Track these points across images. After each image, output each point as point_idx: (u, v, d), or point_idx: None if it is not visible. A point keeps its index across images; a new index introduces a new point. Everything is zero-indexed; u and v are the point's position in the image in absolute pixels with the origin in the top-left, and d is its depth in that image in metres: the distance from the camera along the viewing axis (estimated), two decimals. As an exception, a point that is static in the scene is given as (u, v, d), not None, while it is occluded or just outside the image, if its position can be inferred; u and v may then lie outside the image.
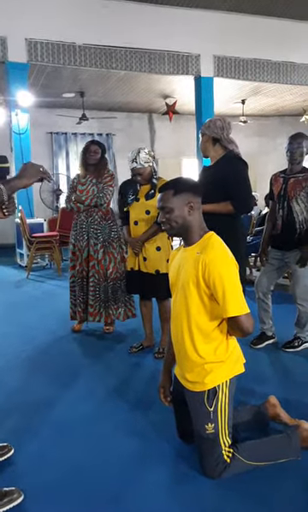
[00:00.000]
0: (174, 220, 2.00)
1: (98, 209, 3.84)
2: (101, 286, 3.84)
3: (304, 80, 8.72)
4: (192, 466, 2.07)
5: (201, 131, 3.05)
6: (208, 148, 3.03)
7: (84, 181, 3.88)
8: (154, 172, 3.36)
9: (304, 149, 3.33)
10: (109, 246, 3.85)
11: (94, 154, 3.84)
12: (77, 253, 3.89)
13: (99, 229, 3.84)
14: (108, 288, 3.85)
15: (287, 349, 3.48)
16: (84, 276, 3.88)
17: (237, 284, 1.91)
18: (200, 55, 8.03)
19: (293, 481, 1.96)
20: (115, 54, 7.58)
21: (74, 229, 3.93)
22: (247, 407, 2.36)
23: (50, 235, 7.08)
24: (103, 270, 3.83)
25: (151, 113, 11.39)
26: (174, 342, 2.15)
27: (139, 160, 3.24)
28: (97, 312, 3.86)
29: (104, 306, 3.87)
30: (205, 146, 3.04)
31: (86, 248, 3.84)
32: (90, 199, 3.80)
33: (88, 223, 3.84)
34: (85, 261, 3.86)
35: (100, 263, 3.82)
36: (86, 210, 3.84)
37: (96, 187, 3.83)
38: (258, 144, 12.19)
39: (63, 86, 8.72)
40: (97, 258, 3.82)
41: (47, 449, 2.27)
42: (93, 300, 3.85)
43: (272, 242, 3.55)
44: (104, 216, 3.87)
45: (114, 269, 3.85)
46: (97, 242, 3.82)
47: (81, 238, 3.85)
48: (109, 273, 3.84)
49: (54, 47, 7.23)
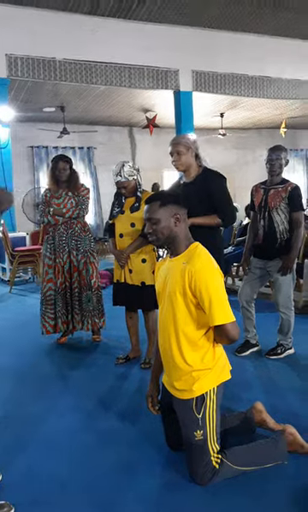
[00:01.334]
0: (160, 231, 2.05)
1: (77, 221, 3.90)
2: (84, 295, 3.89)
3: (279, 94, 8.93)
4: (181, 473, 2.09)
5: (185, 146, 3.05)
6: (190, 163, 3.09)
7: (58, 195, 3.91)
8: (138, 185, 3.40)
9: (283, 161, 3.43)
10: (90, 256, 3.93)
11: (64, 171, 3.88)
12: (57, 265, 3.89)
13: (80, 241, 3.90)
14: (92, 297, 3.91)
15: (270, 356, 3.54)
16: (67, 287, 3.91)
17: (223, 293, 1.97)
18: (179, 70, 8.18)
19: (280, 485, 2.00)
20: (96, 69, 7.67)
21: (50, 242, 3.92)
22: (234, 414, 2.40)
23: (33, 248, 7.05)
24: (85, 281, 3.88)
25: (132, 126, 11.51)
26: (161, 350, 2.19)
27: (123, 174, 3.29)
28: (82, 320, 3.91)
29: (90, 315, 3.90)
30: (188, 162, 3.08)
31: (68, 260, 3.87)
32: (72, 211, 3.85)
33: (68, 235, 3.88)
34: (68, 273, 3.89)
35: (82, 273, 3.88)
36: (65, 222, 3.87)
37: (73, 199, 3.87)
38: (237, 156, 12.41)
39: (44, 100, 8.77)
40: (80, 269, 3.88)
41: (35, 462, 2.27)
42: (79, 309, 3.89)
43: (254, 252, 3.63)
44: (83, 227, 3.94)
45: (96, 278, 3.94)
46: (78, 253, 3.88)
47: (61, 250, 3.88)
48: (92, 282, 3.91)
49: (34, 62, 7.29)
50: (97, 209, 11.09)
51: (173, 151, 3.08)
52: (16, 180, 7.84)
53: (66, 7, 7.10)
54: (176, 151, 3.06)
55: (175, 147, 3.07)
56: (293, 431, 2.22)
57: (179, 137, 3.15)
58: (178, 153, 3.06)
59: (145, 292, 3.33)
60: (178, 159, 3.07)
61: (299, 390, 2.96)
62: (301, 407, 2.71)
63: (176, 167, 3.11)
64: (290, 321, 3.52)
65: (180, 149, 3.05)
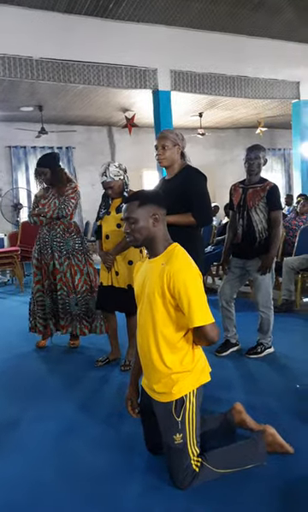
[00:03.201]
0: (138, 231, 2.02)
1: (60, 222, 3.81)
2: (70, 299, 3.80)
3: (257, 94, 8.98)
4: (161, 477, 2.07)
5: (172, 141, 2.97)
6: (175, 159, 3.01)
7: (47, 194, 3.87)
8: (125, 185, 3.35)
9: (261, 160, 3.44)
10: (73, 258, 3.82)
11: (44, 176, 3.79)
12: (43, 266, 3.85)
13: (62, 242, 3.80)
14: (77, 302, 3.82)
15: (250, 356, 3.54)
16: (53, 289, 3.84)
17: (202, 294, 1.94)
18: (157, 69, 8.15)
19: (261, 485, 2.00)
20: (73, 68, 7.59)
21: (38, 243, 3.89)
22: (214, 416, 2.38)
23: (11, 250, 6.96)
24: (69, 283, 3.80)
25: (111, 126, 11.45)
26: (140, 353, 2.16)
27: (108, 174, 3.24)
28: (68, 325, 3.83)
29: (76, 319, 3.82)
30: (173, 158, 3.00)
31: (51, 262, 3.81)
32: (52, 210, 3.77)
33: (51, 236, 3.81)
34: (52, 274, 3.83)
35: (65, 275, 3.79)
36: (49, 223, 3.81)
37: (57, 199, 3.81)
38: (216, 155, 12.45)
39: (21, 99, 8.65)
40: (63, 271, 3.79)
41: (13, 469, 2.23)
42: (63, 312, 3.81)
43: (233, 251, 3.62)
44: (67, 229, 3.84)
45: (80, 281, 3.82)
46: (60, 255, 3.79)
47: (46, 252, 3.82)
48: (76, 285, 3.81)
49: (10, 61, 7.17)
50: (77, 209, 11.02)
51: (158, 144, 2.99)
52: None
53: (42, 5, 7.01)
54: (162, 145, 2.98)
55: (162, 141, 2.98)
56: (273, 431, 2.21)
57: (167, 131, 3.04)
58: (163, 147, 2.97)
59: (130, 295, 3.27)
60: (162, 153, 2.98)
61: (278, 390, 2.97)
62: (281, 407, 2.71)
63: (159, 161, 3.01)
64: (270, 320, 3.53)
65: (167, 143, 2.97)
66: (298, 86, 8.96)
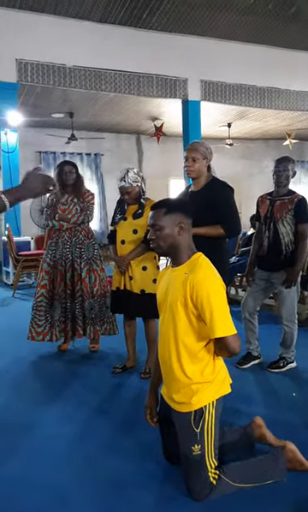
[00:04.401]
0: (163, 239, 2.03)
1: (82, 228, 3.87)
2: (86, 303, 3.84)
3: (287, 106, 8.95)
4: (178, 488, 2.05)
5: (202, 154, 3.00)
6: (203, 172, 3.05)
7: (64, 200, 3.89)
8: (142, 192, 3.38)
9: (290, 172, 3.41)
10: (93, 263, 3.88)
11: (70, 174, 3.86)
12: (59, 272, 3.84)
13: (83, 248, 3.85)
14: (94, 305, 3.85)
15: (272, 370, 3.49)
16: (68, 295, 3.85)
17: (225, 305, 1.93)
18: (188, 79, 8.21)
19: (278, 502, 1.96)
20: (105, 76, 7.71)
21: (53, 248, 3.88)
22: (233, 428, 2.35)
23: (37, 253, 7.04)
24: (88, 288, 3.83)
25: (139, 134, 11.54)
26: (161, 362, 2.15)
27: (127, 179, 3.27)
28: (85, 328, 3.85)
29: (91, 323, 3.85)
30: (201, 170, 3.03)
31: (71, 268, 3.83)
32: (76, 217, 3.82)
33: (73, 242, 3.84)
34: (71, 281, 3.84)
35: (84, 281, 3.82)
36: (70, 229, 3.84)
37: (78, 206, 3.85)
38: (243, 166, 12.41)
39: (53, 106, 8.81)
40: (83, 277, 3.82)
41: (30, 472, 2.23)
42: (82, 316, 3.83)
43: (258, 263, 3.59)
44: (87, 234, 3.90)
45: (99, 286, 3.88)
46: (81, 261, 3.83)
47: (65, 258, 3.83)
48: (95, 290, 3.85)
49: (44, 68, 7.33)
50: (102, 215, 11.11)
51: (188, 156, 3.02)
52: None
53: (77, 14, 7.16)
54: (192, 158, 3.01)
55: (192, 153, 3.01)
56: (293, 448, 2.17)
57: (198, 143, 3.07)
58: (193, 160, 3.00)
59: (144, 300, 3.29)
60: (192, 165, 3.01)
61: (300, 405, 2.92)
62: (302, 423, 2.66)
63: (187, 173, 3.05)
64: (293, 334, 3.48)
65: (197, 156, 3.00)
66: (329, 98, 8.88)
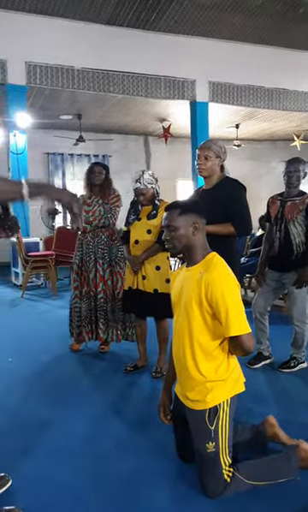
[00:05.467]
0: (177, 239, 2.05)
1: (105, 229, 3.86)
2: (108, 306, 3.84)
3: (296, 107, 8.94)
4: (192, 485, 2.07)
5: (215, 153, 3.00)
6: (215, 171, 3.04)
7: (89, 201, 3.91)
8: (157, 194, 3.41)
9: (301, 173, 3.43)
10: (116, 265, 3.87)
11: (99, 175, 3.90)
12: (83, 273, 3.89)
13: (106, 250, 3.85)
14: (115, 308, 3.85)
15: (283, 370, 3.50)
16: (91, 296, 3.87)
17: (239, 304, 1.95)
18: (196, 80, 8.23)
19: (292, 500, 1.97)
20: (113, 78, 7.75)
21: (80, 249, 3.93)
22: (246, 427, 2.36)
23: (46, 254, 7.09)
24: (110, 290, 3.84)
25: (147, 135, 11.57)
26: (175, 360, 2.17)
27: (142, 181, 3.30)
28: (107, 331, 3.86)
29: (112, 326, 3.86)
30: (213, 169, 3.02)
31: (93, 269, 3.84)
32: (98, 219, 3.82)
33: (95, 243, 3.85)
34: (93, 281, 3.86)
35: (106, 283, 3.83)
36: (93, 230, 3.86)
37: (102, 207, 3.85)
38: (251, 167, 12.39)
39: (61, 108, 8.86)
40: (105, 279, 3.83)
41: (45, 470, 2.26)
42: (104, 319, 3.84)
43: (269, 263, 3.60)
44: (111, 236, 3.89)
45: (121, 289, 3.82)
46: (104, 262, 3.83)
47: (89, 259, 3.85)
48: (117, 293, 3.85)
49: (53, 70, 7.38)
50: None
51: (201, 154, 3.01)
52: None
53: (85, 17, 7.20)
54: (204, 156, 3.00)
55: (205, 151, 3.01)
56: (306, 446, 2.17)
57: (211, 142, 3.07)
58: (206, 158, 2.99)
59: (157, 299, 3.32)
60: (204, 163, 3.00)
61: (311, 405, 2.93)
62: (314, 423, 2.67)
63: (199, 171, 3.04)
64: (304, 334, 3.48)
65: (210, 154, 3.00)
66: (338, 99, 8.87)
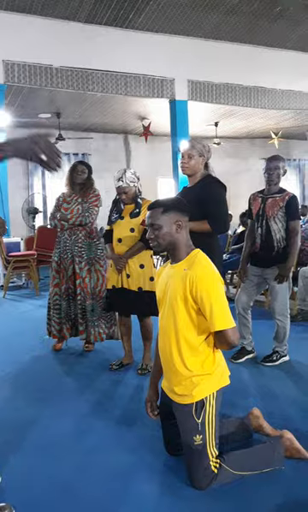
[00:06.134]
0: (161, 237, 2.09)
1: (83, 228, 3.86)
2: (87, 304, 3.83)
3: (273, 105, 9.06)
4: (179, 478, 2.11)
5: (199, 152, 3.05)
6: (198, 169, 3.09)
7: (69, 199, 3.92)
8: (139, 192, 3.44)
9: (280, 170, 3.49)
10: (95, 263, 3.87)
11: (81, 174, 3.91)
12: (62, 271, 3.90)
13: (83, 248, 3.85)
14: (97, 307, 3.84)
15: (266, 363, 3.57)
16: (70, 293, 3.88)
17: (223, 299, 2.00)
18: (175, 79, 8.27)
19: (277, 489, 2.02)
20: (92, 76, 7.74)
21: (58, 246, 3.93)
22: (231, 420, 2.42)
23: (27, 254, 7.05)
24: (88, 289, 3.83)
25: (127, 134, 11.58)
26: (161, 356, 2.21)
27: (124, 179, 3.32)
28: (86, 330, 3.86)
29: (92, 325, 3.84)
30: (196, 168, 3.08)
31: (71, 266, 3.85)
32: (75, 217, 3.82)
33: (72, 241, 3.85)
34: (71, 279, 3.87)
35: (84, 281, 3.83)
36: (70, 228, 3.85)
37: (81, 206, 3.86)
38: (231, 165, 12.48)
39: (40, 106, 8.81)
40: (82, 277, 3.83)
41: (33, 466, 2.27)
42: (82, 318, 3.85)
43: (251, 260, 3.66)
44: (89, 234, 3.89)
45: (102, 286, 3.85)
46: (81, 260, 3.83)
47: (66, 256, 3.86)
48: (97, 291, 3.85)
49: (31, 69, 7.34)
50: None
51: (185, 153, 3.06)
52: (10, 184, 7.86)
53: (64, 15, 7.17)
54: (188, 154, 3.05)
55: (189, 150, 3.06)
56: (290, 436, 2.24)
57: (195, 141, 3.13)
58: (189, 156, 3.05)
59: (141, 297, 3.35)
60: (187, 162, 3.06)
61: (294, 397, 2.99)
62: (296, 413, 2.74)
63: (183, 169, 3.10)
64: (286, 328, 3.55)
65: (193, 153, 3.05)
66: (314, 97, 9.01)
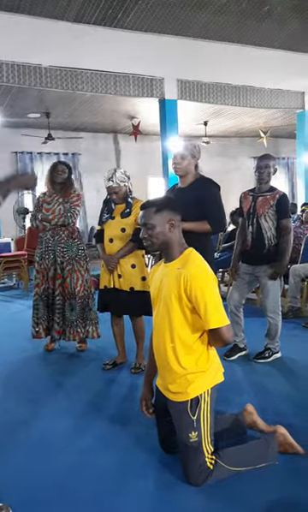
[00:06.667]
0: (155, 236, 2.10)
1: (65, 228, 3.86)
2: (67, 304, 3.84)
3: (262, 104, 9.09)
4: (175, 475, 2.13)
5: (191, 153, 3.12)
6: (191, 170, 3.15)
7: (50, 199, 3.90)
8: (129, 192, 3.44)
9: (271, 169, 3.53)
10: (76, 264, 3.87)
11: (62, 173, 3.89)
12: (42, 271, 3.88)
13: (66, 248, 3.85)
14: (76, 306, 3.85)
15: (258, 360, 3.60)
16: (49, 293, 3.88)
17: (217, 297, 2.02)
18: (164, 78, 8.27)
19: (272, 484, 2.05)
20: (81, 76, 7.71)
21: (40, 247, 3.93)
22: (225, 416, 2.44)
23: (18, 254, 7.03)
24: (69, 289, 3.83)
25: (117, 133, 11.56)
26: (156, 354, 2.22)
27: (115, 179, 3.31)
28: (62, 331, 3.87)
29: (71, 325, 3.85)
30: (189, 168, 3.14)
31: (53, 267, 3.85)
32: (57, 218, 3.82)
33: (55, 241, 3.85)
34: (52, 279, 3.86)
35: (65, 281, 3.83)
36: (53, 229, 3.85)
37: (62, 206, 3.86)
38: (220, 164, 12.52)
39: (29, 106, 8.76)
40: (64, 277, 3.83)
41: (28, 466, 2.28)
42: (59, 317, 3.85)
43: (242, 257, 3.69)
44: (71, 234, 3.89)
45: (81, 287, 3.86)
46: (63, 261, 3.83)
47: (47, 256, 3.86)
48: (77, 291, 3.85)
49: (19, 68, 7.29)
50: (81, 215, 11.10)
51: (177, 154, 3.12)
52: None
53: (52, 14, 7.14)
54: (180, 156, 3.11)
55: (181, 151, 3.12)
56: (284, 431, 2.27)
57: (188, 143, 3.19)
58: (182, 157, 3.11)
59: (133, 297, 3.36)
60: (180, 163, 3.12)
61: (286, 392, 3.03)
62: (289, 409, 2.78)
63: (175, 170, 3.15)
64: (277, 325, 3.59)
65: (186, 154, 3.11)
66: (302, 96, 9.09)
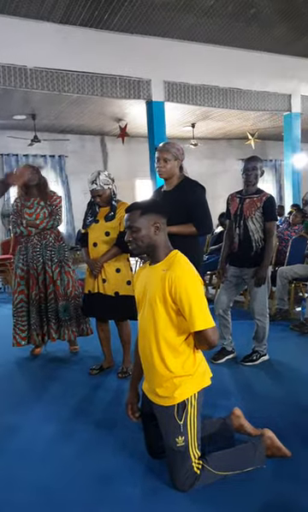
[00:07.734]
0: (140, 239, 2.07)
1: (51, 231, 3.84)
2: (60, 305, 3.81)
3: (249, 106, 9.13)
4: (162, 480, 2.10)
5: (173, 155, 3.05)
6: (175, 172, 3.09)
7: (30, 204, 3.81)
8: (113, 194, 3.39)
9: (258, 171, 3.52)
10: (64, 265, 3.86)
11: (32, 175, 3.72)
12: (31, 276, 3.81)
13: (54, 251, 3.83)
14: (69, 307, 3.84)
15: (246, 363, 3.58)
16: (42, 298, 3.83)
17: (202, 299, 1.99)
18: (151, 80, 8.26)
19: (259, 488, 2.03)
20: (67, 77, 7.66)
21: (23, 252, 3.84)
22: (213, 420, 2.41)
23: (4, 258, 6.96)
24: (61, 291, 3.81)
25: (104, 135, 11.52)
26: (142, 357, 2.19)
27: (98, 182, 3.26)
28: (59, 330, 3.84)
29: (66, 325, 3.83)
30: (173, 171, 3.08)
31: (43, 271, 3.81)
32: (46, 222, 3.77)
33: (43, 245, 3.80)
34: (43, 284, 3.82)
35: (56, 283, 3.80)
36: (38, 233, 3.80)
37: (46, 209, 3.80)
38: (208, 166, 12.55)
39: (14, 108, 8.70)
40: (55, 279, 3.81)
41: (14, 472, 2.25)
42: (55, 319, 3.82)
43: (230, 260, 3.67)
44: (57, 237, 3.88)
45: (73, 287, 3.87)
46: (52, 264, 3.81)
47: (36, 261, 3.80)
48: (69, 292, 3.84)
49: (4, 69, 7.23)
50: (69, 218, 11.02)
51: (160, 157, 3.06)
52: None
53: (37, 15, 7.09)
54: (163, 158, 3.05)
55: (164, 154, 3.06)
56: (271, 434, 2.25)
57: (169, 145, 3.12)
58: (165, 160, 3.05)
59: (118, 302, 3.31)
60: (163, 166, 3.06)
61: (274, 396, 3.01)
62: (277, 412, 2.76)
63: (160, 173, 3.10)
64: (265, 328, 3.57)
65: (168, 157, 3.05)
66: (289, 98, 9.13)
